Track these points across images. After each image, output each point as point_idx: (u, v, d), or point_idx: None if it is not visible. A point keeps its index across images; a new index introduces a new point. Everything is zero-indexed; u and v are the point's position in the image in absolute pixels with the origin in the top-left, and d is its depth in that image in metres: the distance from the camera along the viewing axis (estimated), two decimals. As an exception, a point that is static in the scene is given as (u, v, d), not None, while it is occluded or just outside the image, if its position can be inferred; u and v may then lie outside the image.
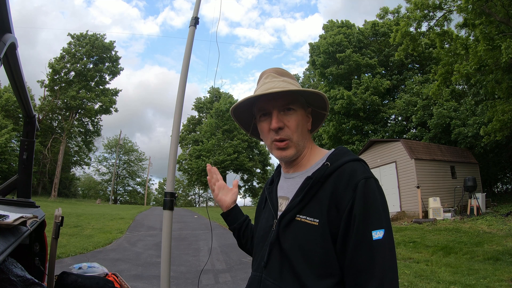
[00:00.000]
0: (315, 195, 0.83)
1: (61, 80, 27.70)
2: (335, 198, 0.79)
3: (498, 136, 11.00)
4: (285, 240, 0.84)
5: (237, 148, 33.66)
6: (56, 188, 26.63)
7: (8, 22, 0.89)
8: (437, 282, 4.80)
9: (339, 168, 0.82)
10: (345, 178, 0.79)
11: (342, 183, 0.79)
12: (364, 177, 0.78)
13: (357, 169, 0.81)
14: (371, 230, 0.74)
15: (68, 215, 12.33)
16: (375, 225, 0.74)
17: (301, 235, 0.81)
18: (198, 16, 2.43)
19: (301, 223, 0.82)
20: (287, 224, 0.85)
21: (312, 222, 0.80)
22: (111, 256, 6.72)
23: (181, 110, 2.24)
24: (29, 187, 1.87)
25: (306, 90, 0.90)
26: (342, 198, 0.77)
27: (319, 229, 0.78)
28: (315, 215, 0.80)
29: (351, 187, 0.77)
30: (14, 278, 1.30)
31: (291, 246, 0.82)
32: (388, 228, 0.75)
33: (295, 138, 0.90)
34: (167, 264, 1.91)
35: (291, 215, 0.85)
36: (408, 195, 13.18)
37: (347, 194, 0.77)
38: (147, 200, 42.78)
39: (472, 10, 9.55)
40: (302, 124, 0.92)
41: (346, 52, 20.49)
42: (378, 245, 0.73)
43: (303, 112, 0.94)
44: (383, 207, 0.77)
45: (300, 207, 0.84)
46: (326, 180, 0.82)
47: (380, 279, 0.71)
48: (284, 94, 0.90)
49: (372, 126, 20.25)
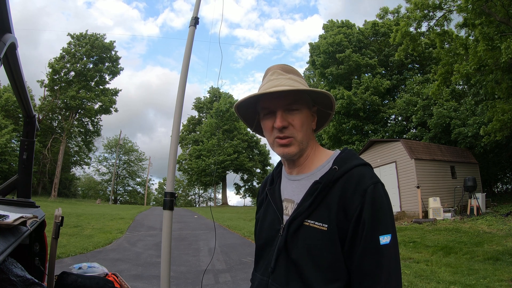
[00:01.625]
0: (323, 200, 0.82)
1: (61, 80, 27.69)
2: (343, 203, 0.79)
3: (498, 136, 11.00)
4: (294, 246, 0.84)
5: (237, 148, 33.65)
6: (56, 188, 26.63)
7: (8, 22, 0.89)
8: (437, 282, 4.80)
9: (347, 172, 0.82)
10: (354, 183, 0.79)
11: (350, 188, 0.79)
12: (373, 183, 0.79)
13: (365, 174, 0.81)
14: (379, 235, 0.75)
15: (68, 215, 12.32)
16: (382, 230, 0.76)
17: (310, 240, 0.81)
18: (198, 16, 2.43)
19: (310, 228, 0.82)
20: (296, 230, 0.84)
21: (321, 227, 0.80)
22: (111, 256, 6.72)
23: (181, 110, 2.24)
24: (29, 187, 1.87)
25: (313, 90, 0.88)
26: (350, 203, 0.78)
27: (328, 234, 0.79)
28: (324, 220, 0.80)
29: (359, 193, 0.78)
30: (14, 278, 1.30)
31: (300, 252, 0.82)
32: (394, 233, 0.77)
33: (299, 137, 0.88)
34: (167, 264, 1.91)
35: (300, 220, 0.84)
36: (408, 195, 13.18)
37: (356, 199, 0.77)
38: (147, 200, 42.78)
39: (472, 10, 9.55)
40: (307, 124, 0.91)
41: (346, 52, 20.48)
42: (385, 250, 0.75)
43: (308, 111, 0.92)
44: (389, 212, 0.79)
45: (309, 212, 0.83)
46: (334, 185, 0.82)
47: (385, 284, 0.73)
48: (289, 93, 0.88)
49: (372, 126, 20.25)
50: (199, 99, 41.15)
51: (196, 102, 41.06)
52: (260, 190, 1.10)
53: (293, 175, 0.95)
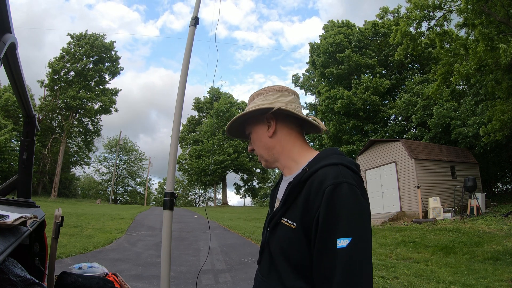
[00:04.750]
0: (295, 200, 0.85)
1: (61, 80, 27.68)
2: (307, 204, 0.80)
3: (498, 136, 11.00)
4: (271, 241, 0.90)
5: (237, 148, 33.65)
6: (56, 188, 26.62)
7: (8, 22, 0.89)
8: (437, 282, 4.80)
9: (315, 173, 0.82)
10: (316, 184, 0.79)
11: (313, 189, 0.79)
12: (333, 183, 0.76)
13: (328, 175, 0.78)
14: (336, 238, 0.72)
15: (68, 215, 12.32)
16: (340, 233, 0.72)
17: (282, 237, 0.86)
18: (198, 16, 2.43)
19: (284, 226, 0.86)
20: (274, 226, 0.90)
21: (291, 225, 0.83)
22: (111, 256, 6.72)
23: (181, 110, 2.24)
24: (29, 187, 1.87)
25: (243, 114, 0.97)
26: (312, 204, 0.78)
27: (296, 232, 0.82)
28: (294, 219, 0.83)
29: (320, 194, 0.76)
30: (14, 278, 1.30)
31: (275, 247, 0.88)
32: (357, 236, 0.72)
33: (263, 154, 0.99)
34: (167, 264, 1.91)
35: (277, 217, 0.89)
36: (408, 195, 13.18)
37: (317, 201, 0.77)
38: (147, 200, 42.77)
39: (472, 10, 9.55)
40: (261, 140, 0.98)
41: (346, 52, 20.49)
42: (341, 254, 0.71)
43: (258, 127, 0.99)
44: (353, 214, 0.74)
45: (284, 210, 0.87)
46: (304, 185, 0.83)
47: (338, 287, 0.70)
48: (240, 125, 1.04)
49: (372, 126, 20.25)
50: (198, 99, 41.13)
51: (195, 102, 41.05)
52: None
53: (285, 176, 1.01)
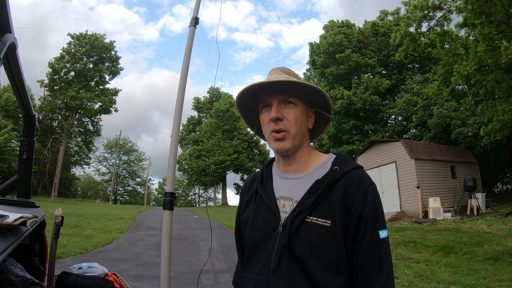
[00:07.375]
0: (324, 198, 0.86)
1: (61, 80, 27.68)
2: (346, 202, 0.85)
3: (498, 136, 11.00)
4: (297, 242, 0.84)
5: (237, 148, 33.65)
6: (56, 188, 26.62)
7: (8, 22, 0.89)
8: (437, 282, 4.80)
9: (348, 173, 0.88)
10: (355, 184, 0.86)
11: (352, 188, 0.86)
12: (372, 183, 0.88)
13: (365, 176, 0.89)
14: (379, 229, 0.84)
15: (68, 215, 12.32)
16: (381, 226, 0.84)
17: (313, 236, 0.84)
18: (198, 17, 2.43)
19: (312, 225, 0.84)
20: (299, 226, 0.85)
21: (324, 223, 0.84)
22: (111, 256, 6.72)
23: (181, 110, 2.24)
24: (29, 187, 1.87)
25: (307, 84, 0.91)
26: (353, 201, 0.84)
27: (331, 229, 0.83)
28: (327, 217, 0.84)
29: (361, 192, 0.85)
30: (14, 278, 1.30)
31: (303, 247, 0.84)
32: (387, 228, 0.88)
33: (293, 131, 0.91)
34: (167, 264, 1.91)
35: (302, 216, 0.86)
36: (408, 195, 13.17)
37: (358, 198, 0.84)
38: (147, 200, 42.74)
39: (471, 10, 9.54)
40: (302, 120, 0.93)
41: (346, 52, 20.48)
42: (384, 243, 0.84)
43: (303, 107, 0.94)
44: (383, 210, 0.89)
45: (312, 209, 0.86)
46: (335, 184, 0.87)
47: (387, 275, 0.82)
48: (285, 88, 0.91)
49: (372, 126, 20.24)
50: (198, 99, 41.11)
51: (195, 102, 41.04)
52: (245, 190, 1.07)
53: (289, 174, 0.95)
